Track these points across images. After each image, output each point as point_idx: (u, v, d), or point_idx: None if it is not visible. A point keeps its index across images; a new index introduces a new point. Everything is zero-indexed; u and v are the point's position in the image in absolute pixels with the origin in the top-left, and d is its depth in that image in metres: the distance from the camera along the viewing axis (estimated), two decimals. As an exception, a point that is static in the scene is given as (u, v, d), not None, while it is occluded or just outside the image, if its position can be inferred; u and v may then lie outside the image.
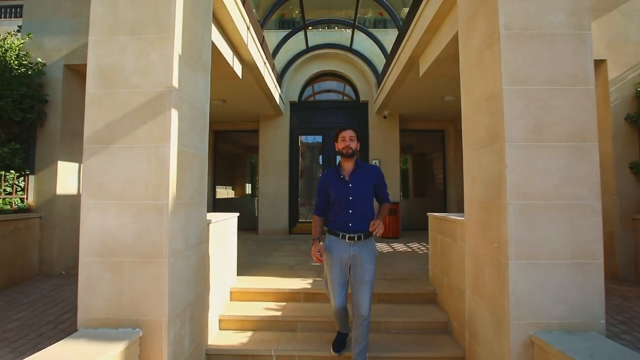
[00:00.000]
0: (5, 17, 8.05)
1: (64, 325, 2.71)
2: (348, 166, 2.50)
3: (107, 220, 2.15)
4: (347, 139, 2.45)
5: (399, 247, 6.16)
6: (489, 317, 2.32)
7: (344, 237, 2.40)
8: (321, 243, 2.50)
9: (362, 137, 8.11)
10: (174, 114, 2.20)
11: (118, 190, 2.16)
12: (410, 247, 6.04)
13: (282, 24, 8.22)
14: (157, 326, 2.11)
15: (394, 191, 7.66)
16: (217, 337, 2.98)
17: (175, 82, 2.21)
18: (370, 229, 2.32)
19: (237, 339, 2.96)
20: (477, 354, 2.49)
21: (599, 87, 4.08)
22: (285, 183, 7.96)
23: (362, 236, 2.40)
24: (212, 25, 3.11)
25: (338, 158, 2.65)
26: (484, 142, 2.40)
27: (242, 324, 3.15)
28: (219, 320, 3.14)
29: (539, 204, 2.10)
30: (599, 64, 4.04)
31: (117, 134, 2.17)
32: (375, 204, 2.57)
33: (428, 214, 3.83)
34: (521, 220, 2.09)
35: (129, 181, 2.15)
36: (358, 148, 2.52)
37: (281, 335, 3.00)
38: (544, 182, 2.11)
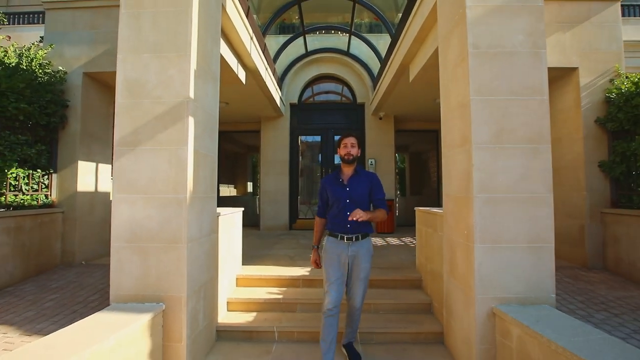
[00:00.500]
0: (22, 23, 8.42)
1: (93, 304, 3.09)
2: (348, 171, 2.64)
3: (134, 211, 2.53)
4: (348, 146, 2.60)
5: (393, 241, 6.54)
6: (460, 294, 2.70)
7: (342, 238, 2.53)
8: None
9: (359, 137, 8.47)
10: (191, 120, 2.58)
11: (144, 186, 2.54)
12: (403, 241, 6.42)
13: (282, 29, 8.57)
14: (177, 301, 2.49)
15: (389, 188, 8.03)
16: (225, 317, 3.36)
17: (191, 94, 2.59)
18: (350, 217, 2.40)
19: (243, 318, 3.35)
20: (452, 327, 2.88)
21: (572, 93, 4.45)
22: (285, 181, 8.34)
23: (360, 237, 2.54)
24: (220, 38, 3.48)
25: (337, 158, 3.02)
26: (457, 144, 2.78)
27: (248, 305, 3.53)
28: (227, 302, 3.52)
29: (501, 197, 2.48)
30: (572, 71, 4.41)
31: (142, 137, 2.56)
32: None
33: (416, 208, 4.21)
34: (485, 211, 2.47)
35: (153, 178, 2.53)
36: (359, 154, 2.67)
37: (282, 315, 3.39)
38: (505, 179, 2.49)
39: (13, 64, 3.70)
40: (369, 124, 8.29)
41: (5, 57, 3.74)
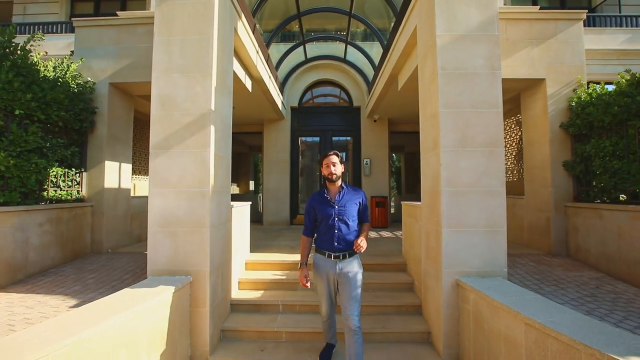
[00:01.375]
0: (51, 32, 8.99)
1: (128, 281, 3.67)
2: (334, 189, 2.68)
3: (167, 202, 3.12)
4: (330, 166, 2.62)
5: (386, 234, 7.13)
6: (433, 271, 3.29)
7: (329, 256, 2.57)
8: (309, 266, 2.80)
9: (355, 138, 9.08)
10: (212, 128, 3.17)
11: (174, 182, 3.12)
12: (394, 234, 7.01)
13: (283, 37, 9.13)
14: (201, 275, 3.08)
15: (383, 185, 8.63)
16: (237, 294, 3.95)
17: (212, 106, 3.17)
18: (354, 248, 2.44)
19: (252, 294, 3.94)
20: (427, 300, 3.47)
21: (540, 101, 5.03)
22: (286, 179, 8.93)
23: (347, 254, 2.57)
24: (233, 57, 4.06)
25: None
26: (430, 147, 3.37)
27: (256, 285, 4.12)
28: (238, 282, 4.11)
29: (464, 191, 3.07)
30: (540, 82, 4.99)
31: (173, 142, 3.14)
32: None
33: (402, 202, 4.80)
34: (451, 202, 3.06)
35: (181, 175, 3.12)
36: (343, 170, 2.71)
37: (286, 292, 3.97)
38: (467, 176, 3.08)
39: (53, 77, 4.27)
40: (365, 125, 8.88)
41: (45, 71, 4.31)
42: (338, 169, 2.63)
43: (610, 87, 4.30)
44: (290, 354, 3.10)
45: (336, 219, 2.56)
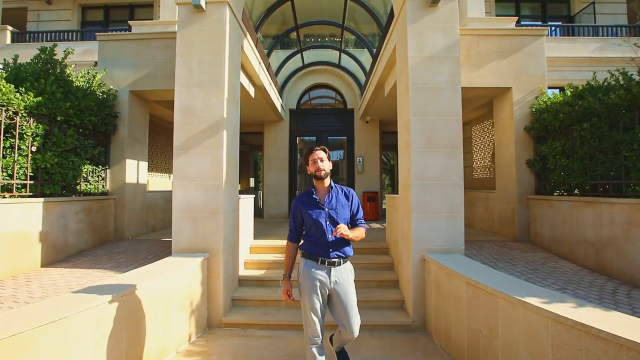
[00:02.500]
0: (52, 40, 9.59)
1: (153, 260, 4.35)
2: (322, 189, 2.39)
3: (188, 193, 3.81)
4: (317, 162, 2.33)
5: (375, 225, 7.85)
6: (405, 250, 4.00)
7: (323, 262, 2.27)
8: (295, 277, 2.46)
9: (349, 138, 9.78)
10: (224, 133, 3.86)
11: (194, 176, 3.82)
12: (383, 226, 7.72)
13: (282, 45, 9.79)
14: (216, 252, 3.78)
15: (374, 182, 9.35)
16: (243, 272, 4.66)
17: (225, 115, 3.86)
18: (333, 233, 2.18)
19: (256, 272, 4.64)
20: (401, 274, 4.19)
21: (507, 107, 5.73)
22: (285, 176, 9.63)
23: (341, 261, 2.32)
24: (240, 71, 4.74)
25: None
26: (404, 148, 4.07)
27: (259, 265, 4.83)
28: (244, 262, 4.81)
29: (429, 183, 3.77)
30: (507, 90, 5.68)
31: (193, 144, 3.83)
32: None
33: (386, 194, 5.50)
34: (419, 192, 3.76)
35: (200, 171, 3.81)
36: (332, 167, 2.42)
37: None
38: (432, 171, 3.78)
39: (84, 87, 4.93)
40: (358, 126, 9.58)
41: (76, 81, 4.97)
42: (326, 165, 2.35)
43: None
44: (288, 316, 3.82)
45: (327, 222, 2.28)
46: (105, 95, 5.30)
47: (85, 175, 4.95)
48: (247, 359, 3.08)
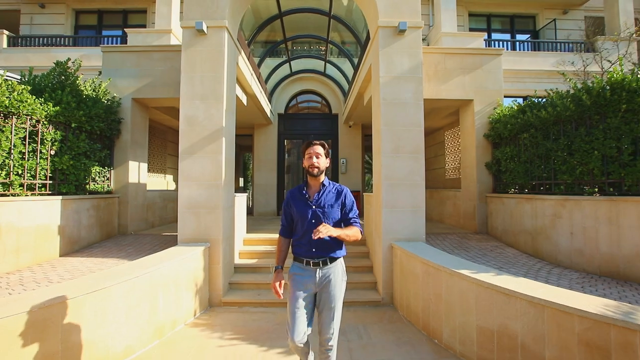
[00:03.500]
0: (45, 45, 9.93)
1: (159, 250, 4.96)
2: (314, 185, 2.28)
3: (191, 191, 4.44)
4: (312, 157, 2.21)
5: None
6: (377, 240, 4.73)
7: (308, 264, 2.17)
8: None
9: (334, 141, 10.50)
10: (223, 139, 4.50)
11: (197, 177, 4.44)
12: (364, 222, 8.45)
13: (272, 53, 10.43)
14: (216, 242, 4.42)
15: (356, 180, 10.10)
16: (238, 261, 5.29)
17: (224, 124, 4.50)
18: (313, 235, 1.97)
19: (249, 261, 5.29)
20: (374, 261, 4.92)
21: (470, 116, 6.55)
22: (274, 176, 10.27)
23: (328, 260, 2.17)
24: (236, 84, 5.37)
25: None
26: (377, 152, 4.81)
27: (252, 255, 5.47)
28: (239, 253, 5.45)
29: (397, 183, 4.51)
30: (470, 102, 6.50)
31: (196, 149, 4.46)
32: None
33: (364, 193, 6.23)
34: (388, 190, 4.49)
35: (202, 172, 4.44)
36: (328, 165, 2.30)
37: (275, 260, 5.34)
38: (399, 173, 4.52)
39: (93, 96, 5.46)
40: (342, 130, 10.31)
41: (85, 90, 5.49)
42: (322, 162, 2.23)
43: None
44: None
45: (313, 220, 2.16)
46: (110, 103, 5.83)
47: (93, 176, 5.49)
48: (244, 328, 3.74)
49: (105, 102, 5.75)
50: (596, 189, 4.12)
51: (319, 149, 2.24)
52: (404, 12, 4.63)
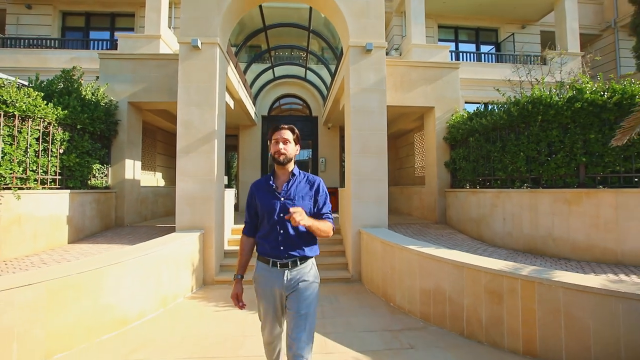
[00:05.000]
0: (30, 46, 10.22)
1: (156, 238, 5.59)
2: (282, 175, 2.04)
3: (187, 185, 5.12)
4: (279, 143, 1.98)
5: (334, 215, 9.41)
6: (348, 227, 5.55)
7: (274, 265, 1.90)
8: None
9: (314, 141, 11.29)
10: (215, 141, 5.20)
11: (192, 173, 5.13)
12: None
13: (256, 58, 11.11)
14: (209, 229, 5.12)
15: (334, 178, 10.93)
16: (227, 247, 6.00)
17: (216, 127, 5.20)
18: (286, 217, 1.80)
19: (237, 248, 5.96)
20: (346, 245, 5.74)
21: (432, 121, 7.49)
22: (258, 174, 10.96)
23: (298, 261, 1.91)
24: (225, 92, 6.06)
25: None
26: (348, 152, 5.63)
27: (238, 242, 6.16)
28: (227, 241, 6.15)
29: (364, 178, 5.35)
30: (431, 108, 7.44)
31: (191, 149, 5.14)
32: None
33: (338, 188, 7.06)
34: (356, 184, 5.32)
35: (197, 169, 5.13)
36: (297, 153, 2.07)
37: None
38: (366, 170, 5.36)
39: (94, 100, 6.02)
40: (321, 131, 11.12)
41: (86, 94, 6.03)
42: (290, 148, 2.00)
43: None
44: (263, 275, 5.25)
45: (281, 214, 1.91)
46: (108, 106, 6.41)
47: (94, 173, 6.06)
48: (235, 299, 4.47)
49: (104, 105, 6.31)
50: (525, 184, 5.09)
51: (286, 134, 1.99)
52: (370, 34, 5.47)
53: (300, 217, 1.71)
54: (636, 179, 4.35)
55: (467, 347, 3.10)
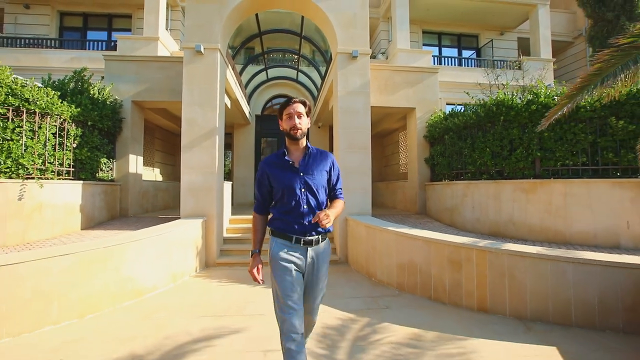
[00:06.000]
0: (27, 46, 10.54)
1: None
2: (296, 151, 1.98)
3: (191, 177, 5.66)
4: (294, 117, 1.91)
5: (324, 209, 10.03)
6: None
7: (298, 241, 1.87)
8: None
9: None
10: (216, 137, 5.75)
11: (195, 166, 5.68)
12: (330, 209, 9.93)
13: (250, 60, 11.65)
14: (211, 216, 5.68)
15: (325, 176, 11.54)
16: (226, 234, 6.55)
17: (217, 125, 5.76)
18: (313, 220, 1.77)
19: (235, 234, 6.57)
20: (335, 231, 6.36)
21: (413, 121, 8.17)
22: (251, 170, 11.51)
23: (320, 238, 1.92)
24: (225, 93, 6.61)
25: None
26: (336, 149, 6.24)
27: (236, 230, 6.75)
28: (226, 229, 6.70)
29: (351, 171, 5.97)
30: (413, 109, 8.11)
31: (195, 144, 5.69)
32: None
33: (328, 182, 7.68)
34: (345, 177, 5.94)
35: (199, 162, 5.68)
36: (309, 126, 2.02)
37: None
38: (352, 164, 5.98)
39: (102, 99, 6.49)
40: (312, 130, 11.72)
41: (94, 93, 6.50)
42: (304, 122, 1.96)
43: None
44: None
45: (303, 189, 1.89)
46: (114, 105, 6.89)
47: (101, 166, 6.54)
48: (235, 278, 5.03)
49: (109, 103, 6.79)
50: (492, 175, 5.80)
51: (299, 108, 1.93)
52: (356, 42, 6.11)
53: (327, 219, 1.71)
54: (582, 171, 5.09)
55: (433, 307, 3.76)
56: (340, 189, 2.08)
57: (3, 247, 4.43)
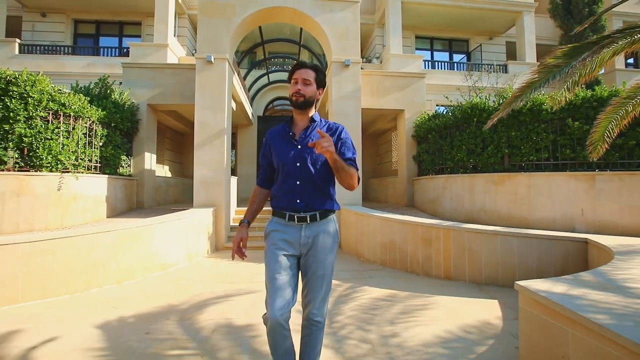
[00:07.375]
0: (45, 53, 11.36)
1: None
2: (301, 122, 1.79)
3: (203, 172, 6.45)
4: (298, 83, 1.70)
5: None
6: (331, 206, 6.96)
7: (291, 219, 1.70)
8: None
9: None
10: (225, 137, 6.54)
11: (206, 162, 6.46)
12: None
13: (253, 64, 12.44)
14: (220, 206, 6.46)
15: (323, 173, 12.32)
16: (232, 223, 7.33)
17: (225, 126, 6.54)
18: (310, 143, 1.51)
19: (241, 224, 7.35)
20: (330, 221, 7.15)
21: (403, 122, 8.93)
22: (254, 168, 12.29)
23: (318, 215, 1.70)
24: (231, 97, 7.39)
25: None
26: (331, 147, 7.03)
27: (243, 221, 7.52)
28: (233, 218, 7.49)
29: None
30: (402, 111, 8.87)
31: (206, 143, 6.47)
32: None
33: (325, 178, 8.46)
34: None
35: (211, 159, 6.46)
36: (319, 97, 1.80)
37: (261, 222, 7.44)
38: (345, 160, 6.76)
39: (122, 102, 7.27)
40: (311, 130, 12.50)
41: (115, 98, 7.27)
42: (311, 90, 1.73)
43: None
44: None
45: (298, 163, 1.70)
46: (132, 107, 7.69)
47: (121, 163, 7.33)
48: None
49: (128, 106, 7.59)
50: (467, 170, 6.57)
51: (307, 73, 1.72)
52: (349, 52, 6.88)
53: (327, 143, 1.44)
54: (544, 166, 5.86)
55: (408, 277, 4.54)
56: (352, 159, 1.75)
57: (46, 229, 5.22)
